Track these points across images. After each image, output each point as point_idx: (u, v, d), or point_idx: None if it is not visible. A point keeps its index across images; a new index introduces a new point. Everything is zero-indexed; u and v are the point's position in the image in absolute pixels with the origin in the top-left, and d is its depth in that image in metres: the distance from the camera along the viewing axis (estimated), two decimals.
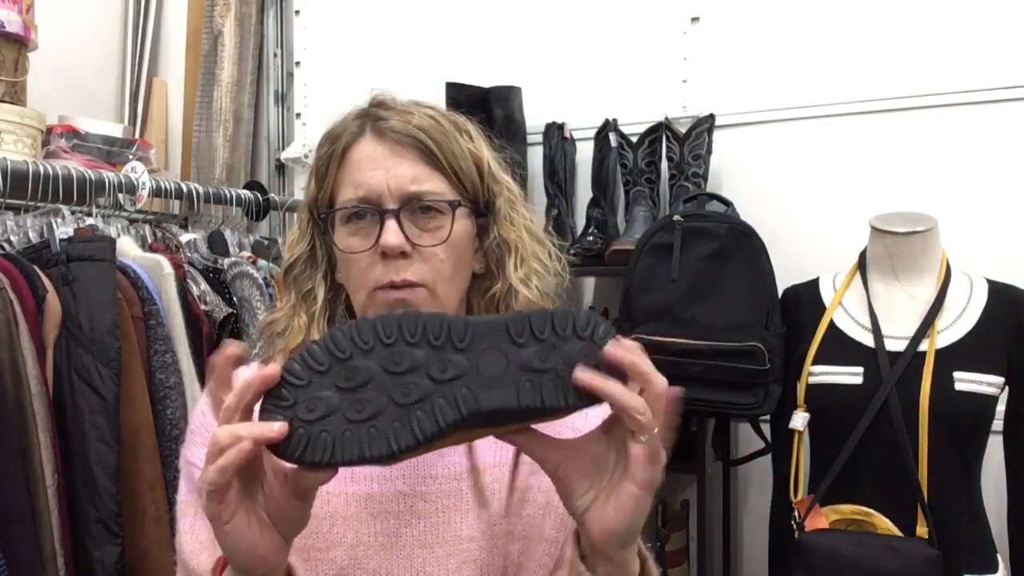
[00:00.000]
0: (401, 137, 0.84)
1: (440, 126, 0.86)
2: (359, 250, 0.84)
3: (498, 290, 0.89)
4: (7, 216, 1.64)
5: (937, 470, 1.39)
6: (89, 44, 2.34)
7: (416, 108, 0.88)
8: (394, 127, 0.85)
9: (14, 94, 1.82)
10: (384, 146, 0.85)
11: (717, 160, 1.90)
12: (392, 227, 0.82)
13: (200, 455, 0.87)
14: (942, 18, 1.81)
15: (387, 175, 0.83)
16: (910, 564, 1.34)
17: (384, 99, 0.89)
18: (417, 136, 0.84)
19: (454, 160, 0.86)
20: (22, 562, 1.34)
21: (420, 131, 0.85)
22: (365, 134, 0.86)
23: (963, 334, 1.45)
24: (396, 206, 0.83)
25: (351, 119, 0.89)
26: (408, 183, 0.83)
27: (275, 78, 2.44)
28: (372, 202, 0.83)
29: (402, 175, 0.83)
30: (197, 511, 0.84)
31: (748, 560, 1.97)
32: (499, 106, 1.96)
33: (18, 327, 1.40)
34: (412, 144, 0.84)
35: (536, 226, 0.94)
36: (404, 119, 0.85)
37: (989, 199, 1.76)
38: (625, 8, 2.06)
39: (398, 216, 0.83)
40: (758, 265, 1.62)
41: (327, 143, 0.89)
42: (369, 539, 0.83)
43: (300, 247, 0.91)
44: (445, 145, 0.86)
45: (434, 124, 0.86)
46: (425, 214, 0.84)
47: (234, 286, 1.82)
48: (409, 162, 0.84)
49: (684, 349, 1.58)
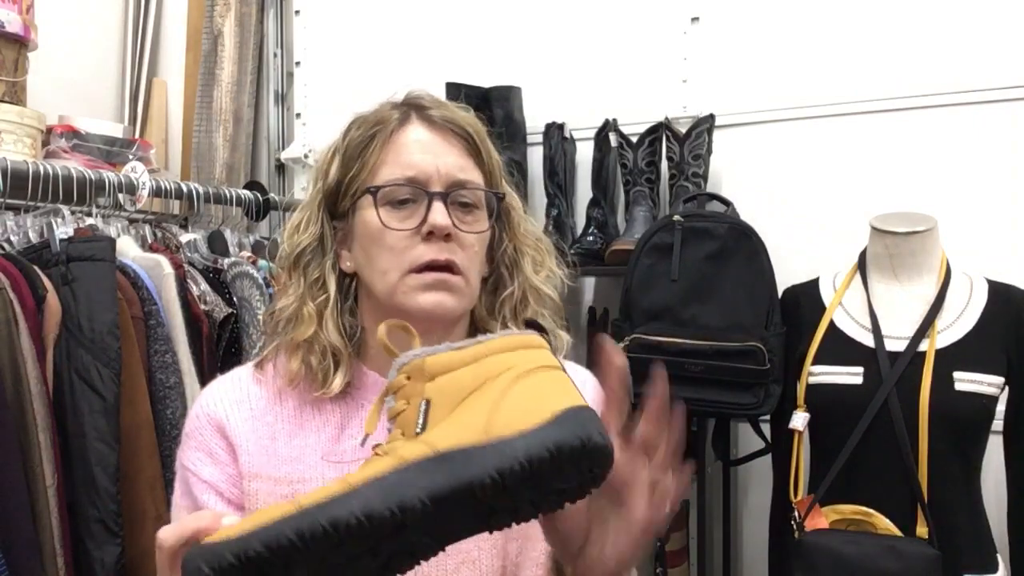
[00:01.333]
0: (450, 125, 0.87)
1: (479, 124, 0.90)
2: (401, 228, 0.84)
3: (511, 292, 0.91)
4: (7, 216, 1.64)
5: (937, 470, 1.39)
6: (89, 44, 2.34)
7: (454, 105, 0.91)
8: (443, 115, 0.88)
9: (14, 94, 1.82)
10: (434, 132, 0.87)
11: (717, 160, 1.90)
12: (441, 208, 0.84)
13: (194, 459, 0.87)
14: (942, 18, 1.80)
15: (436, 160, 0.86)
16: (910, 564, 1.34)
17: (421, 93, 0.91)
18: (465, 127, 0.88)
19: (489, 158, 0.90)
20: (22, 562, 1.34)
21: (468, 124, 0.88)
22: (412, 120, 0.88)
23: (963, 334, 1.45)
24: (443, 190, 0.85)
25: (389, 108, 0.90)
26: (456, 171, 0.86)
27: (275, 78, 2.44)
28: (420, 183, 0.85)
29: (451, 163, 0.86)
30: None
31: (748, 560, 1.96)
32: (499, 106, 1.96)
33: (18, 327, 1.40)
34: (460, 135, 0.88)
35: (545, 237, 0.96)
36: (449, 112, 0.88)
37: (989, 199, 1.76)
38: (625, 8, 2.06)
39: (445, 200, 0.84)
40: (758, 265, 1.62)
41: (363, 127, 0.89)
42: None
43: (309, 234, 0.90)
44: (485, 143, 0.90)
45: (474, 121, 0.90)
46: (464, 205, 0.86)
47: (234, 286, 1.82)
48: (457, 151, 0.87)
49: (684, 349, 1.58)
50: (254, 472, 0.85)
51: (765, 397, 1.58)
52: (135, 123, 2.40)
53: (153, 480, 1.52)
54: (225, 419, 0.88)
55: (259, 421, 0.87)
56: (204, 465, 0.86)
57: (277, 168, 2.43)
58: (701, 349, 1.58)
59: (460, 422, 0.56)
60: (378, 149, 0.87)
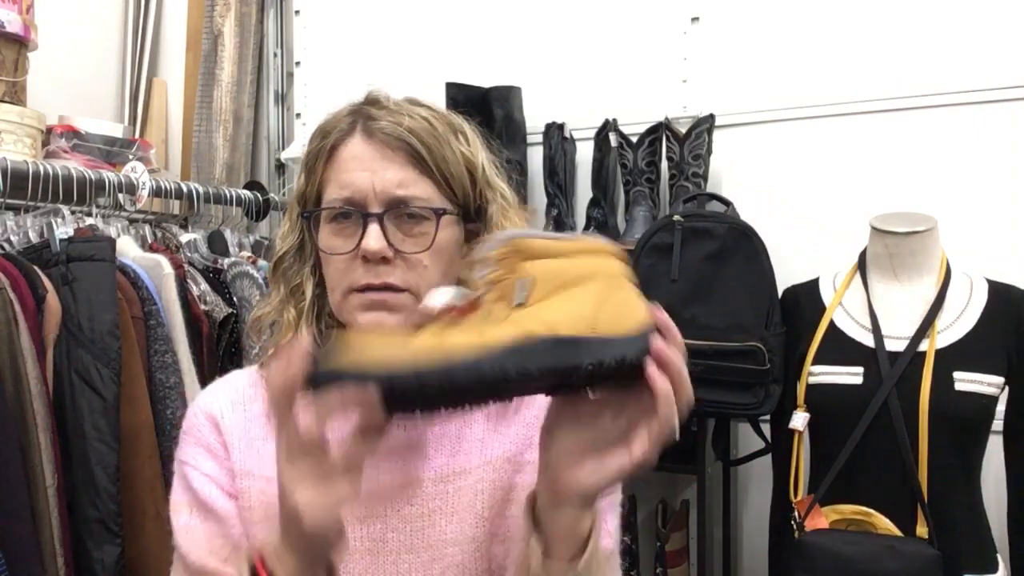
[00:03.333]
0: (390, 139, 0.82)
1: (433, 129, 0.84)
2: (341, 251, 0.82)
3: None
4: (7, 216, 1.64)
5: (937, 470, 1.39)
6: (89, 44, 2.34)
7: (410, 108, 0.86)
8: (384, 128, 0.83)
9: (14, 94, 1.82)
10: (373, 147, 0.83)
11: (717, 160, 1.90)
12: (375, 231, 0.80)
13: (193, 454, 0.87)
14: (942, 18, 1.80)
15: (373, 177, 0.82)
16: (910, 564, 1.34)
17: (378, 97, 0.87)
18: (406, 139, 0.82)
19: (444, 165, 0.84)
20: (22, 562, 1.34)
21: (410, 134, 0.83)
22: (355, 133, 0.84)
23: (963, 334, 1.45)
24: (380, 210, 0.81)
25: (343, 115, 0.87)
26: (394, 187, 0.82)
27: (275, 78, 2.44)
28: (356, 204, 0.82)
29: (389, 179, 0.82)
30: (192, 510, 0.85)
31: (748, 560, 1.97)
32: (499, 106, 1.96)
33: (18, 327, 1.40)
34: (401, 147, 0.82)
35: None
36: (396, 120, 0.83)
37: (989, 199, 1.76)
38: (625, 8, 2.06)
39: (382, 220, 0.81)
40: (758, 265, 1.62)
41: (318, 138, 0.88)
42: (356, 543, 0.82)
43: (289, 240, 0.90)
44: (436, 149, 0.84)
45: (426, 127, 0.84)
46: (410, 219, 0.82)
47: (234, 286, 1.82)
48: (397, 165, 0.82)
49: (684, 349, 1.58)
50: (245, 470, 0.86)
51: (765, 397, 1.58)
52: (135, 123, 2.40)
53: (153, 480, 1.52)
54: (220, 417, 0.88)
55: (253, 423, 0.88)
56: (203, 460, 0.87)
57: (277, 168, 2.43)
58: (701, 349, 1.58)
59: (567, 311, 0.64)
60: (322, 165, 0.86)
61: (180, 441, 0.90)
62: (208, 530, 0.84)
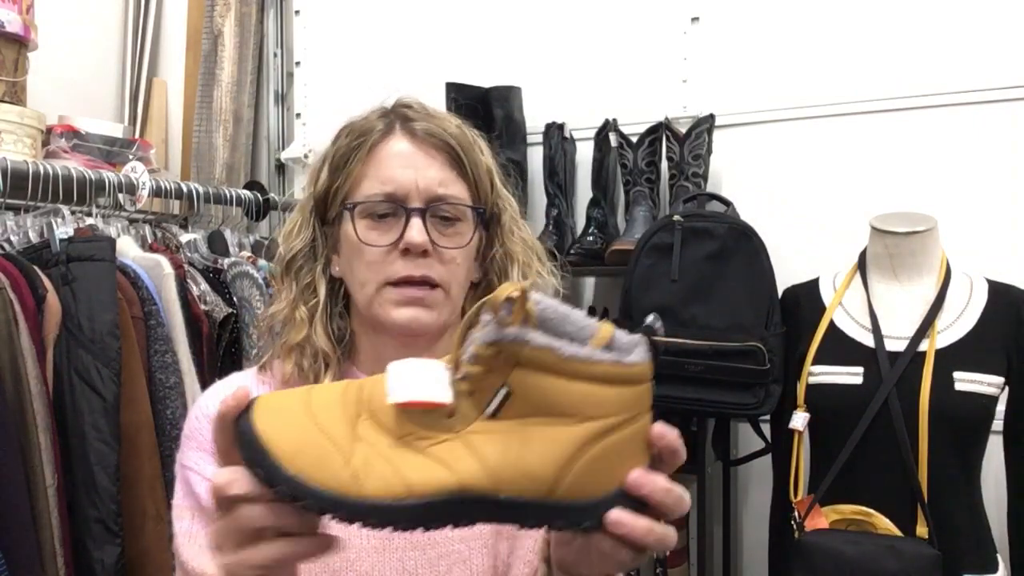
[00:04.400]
0: (432, 139, 0.86)
1: (465, 135, 0.89)
2: (379, 244, 0.84)
3: None
4: (7, 216, 1.64)
5: (937, 470, 1.39)
6: (89, 44, 2.34)
7: (441, 115, 0.90)
8: (426, 128, 0.87)
9: (14, 94, 1.82)
10: (415, 146, 0.86)
11: (717, 160, 1.90)
12: (418, 225, 0.83)
13: (196, 459, 0.87)
14: (942, 18, 1.80)
15: (416, 174, 0.85)
16: (910, 564, 1.34)
17: (410, 102, 0.90)
18: (448, 140, 0.87)
19: (476, 170, 0.88)
20: (22, 562, 1.34)
21: (451, 136, 0.87)
22: (395, 132, 0.87)
23: (963, 334, 1.45)
24: (423, 205, 0.84)
25: (375, 117, 0.89)
26: (436, 185, 0.85)
27: (275, 78, 2.44)
28: (398, 199, 0.85)
29: (431, 177, 0.85)
30: (194, 515, 0.85)
31: (748, 560, 1.97)
32: (499, 106, 1.96)
33: (18, 327, 1.40)
34: (442, 147, 0.86)
35: (537, 242, 0.96)
36: (434, 122, 0.87)
37: (989, 199, 1.76)
38: (625, 8, 2.06)
39: (424, 215, 0.84)
40: (758, 265, 1.62)
41: (350, 136, 0.89)
42: (361, 541, 0.83)
43: (301, 239, 0.91)
44: (470, 154, 0.88)
45: (461, 132, 0.88)
46: (445, 218, 0.86)
47: (234, 286, 1.82)
48: (438, 165, 0.86)
49: (684, 349, 1.58)
50: None
51: (765, 397, 1.58)
52: (135, 123, 2.40)
53: (153, 480, 1.52)
54: None
55: None
56: (207, 464, 0.86)
57: (277, 168, 2.43)
58: (701, 349, 1.58)
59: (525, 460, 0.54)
60: (360, 161, 0.87)
61: (182, 445, 0.90)
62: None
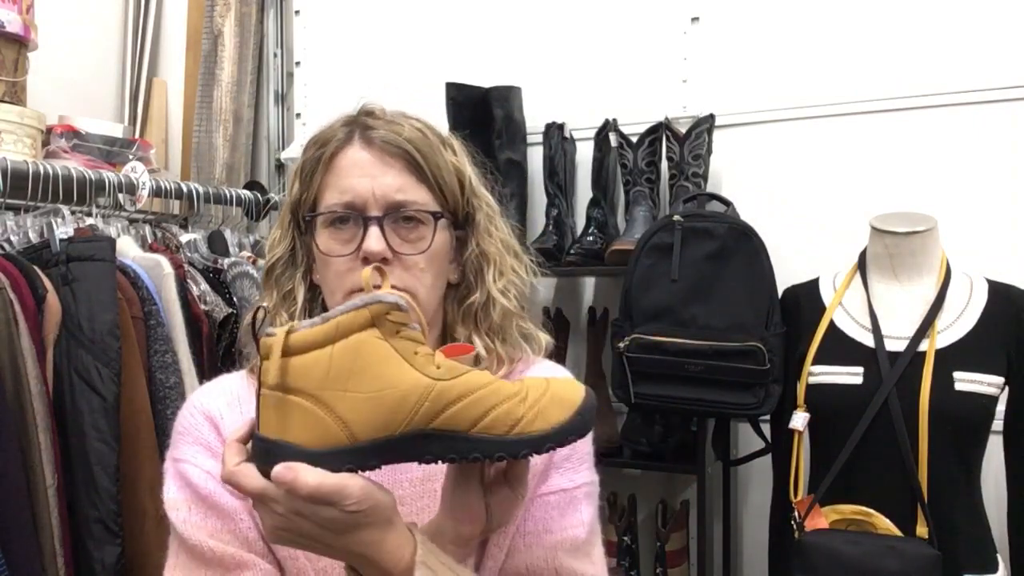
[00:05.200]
0: (389, 146, 0.87)
1: (427, 139, 0.89)
2: (340, 254, 0.86)
3: (476, 300, 0.92)
4: (7, 216, 1.64)
5: (937, 470, 1.39)
6: (89, 44, 2.34)
7: (404, 119, 0.90)
8: (383, 136, 0.87)
9: (14, 94, 1.82)
10: (372, 154, 0.87)
11: (717, 160, 1.90)
12: (375, 234, 0.84)
13: (192, 453, 0.87)
14: (942, 18, 1.80)
15: (373, 183, 0.86)
16: (910, 564, 1.34)
17: (373, 108, 0.91)
18: (404, 147, 0.87)
19: (438, 172, 0.89)
20: (22, 562, 1.34)
21: (408, 142, 0.87)
22: (353, 141, 0.88)
23: (963, 334, 1.45)
24: (380, 213, 0.85)
25: (338, 126, 0.90)
26: (393, 192, 0.86)
27: (275, 78, 2.44)
28: (357, 208, 0.86)
29: (388, 184, 0.86)
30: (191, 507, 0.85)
31: (748, 560, 1.97)
32: (499, 106, 1.96)
33: (18, 327, 1.40)
34: (399, 154, 0.87)
35: (514, 240, 0.97)
36: (392, 129, 0.87)
37: (989, 199, 1.76)
38: (625, 8, 2.06)
39: (381, 224, 0.85)
40: (758, 265, 1.62)
41: (314, 147, 0.91)
42: None
43: (281, 247, 0.93)
44: (431, 157, 0.88)
45: (421, 136, 0.89)
46: (407, 224, 0.87)
47: (234, 286, 1.82)
48: (395, 171, 0.87)
49: (684, 349, 1.58)
50: None
51: (765, 397, 1.58)
52: (135, 123, 2.40)
53: (153, 480, 1.52)
54: (220, 418, 0.89)
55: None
56: (204, 458, 0.87)
57: (277, 168, 2.43)
58: (701, 349, 1.58)
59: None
60: (321, 172, 0.89)
61: (174, 441, 0.91)
62: (213, 525, 0.84)
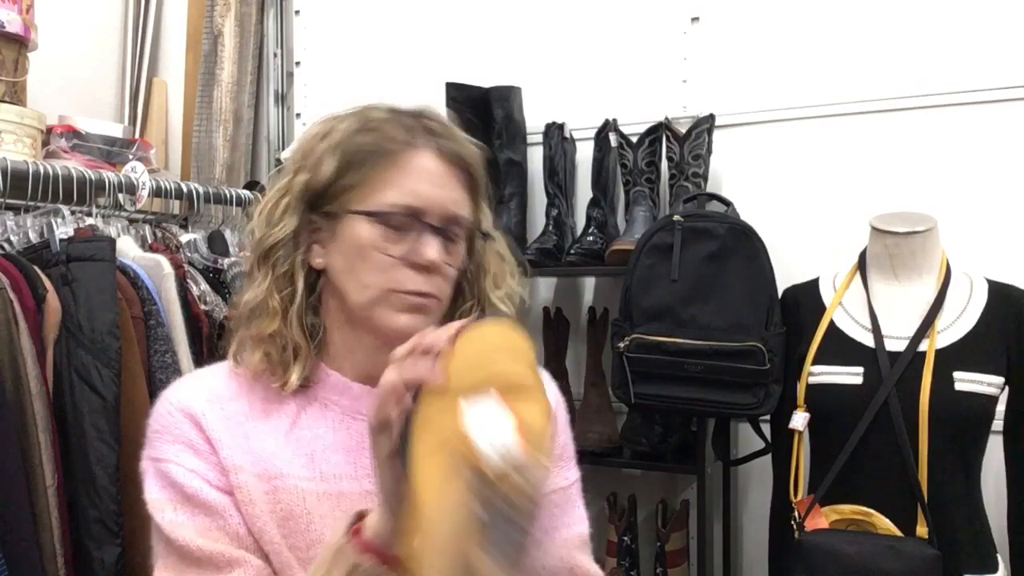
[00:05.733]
0: (460, 161, 0.90)
1: (481, 158, 0.93)
2: (390, 253, 0.86)
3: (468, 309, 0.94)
4: (7, 216, 1.64)
5: (937, 470, 1.39)
6: (89, 44, 2.34)
7: (461, 135, 0.93)
8: (453, 150, 0.90)
9: (14, 94, 1.82)
10: (444, 165, 0.89)
11: (717, 160, 1.90)
12: (437, 244, 0.86)
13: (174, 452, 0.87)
14: (942, 18, 1.80)
15: (443, 194, 0.88)
16: (910, 564, 1.34)
17: (432, 114, 0.92)
18: (469, 165, 0.91)
19: (482, 192, 0.94)
20: (22, 562, 1.34)
21: (474, 162, 0.91)
22: (422, 146, 0.88)
23: (963, 334, 1.45)
24: (441, 224, 0.87)
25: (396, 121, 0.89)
26: (453, 205, 0.89)
27: (275, 78, 2.44)
28: (418, 213, 0.86)
29: (451, 197, 0.89)
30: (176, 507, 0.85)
31: (748, 560, 1.97)
32: (499, 106, 1.96)
33: (18, 327, 1.40)
34: (465, 170, 0.91)
35: (507, 250, 0.99)
36: (459, 142, 0.91)
37: (989, 199, 1.76)
38: (625, 8, 2.06)
39: (442, 234, 0.87)
40: (758, 265, 1.62)
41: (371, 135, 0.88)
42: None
43: (283, 227, 0.89)
44: (482, 178, 0.93)
45: (479, 157, 0.93)
46: (451, 240, 0.89)
47: (234, 286, 1.82)
48: (458, 186, 0.90)
49: (684, 349, 1.58)
50: (237, 465, 0.86)
51: (765, 397, 1.58)
52: (135, 123, 2.40)
53: None
54: (201, 416, 0.88)
55: (231, 420, 0.88)
56: (186, 456, 0.86)
57: (277, 168, 2.43)
58: (701, 349, 1.58)
59: None
60: (382, 166, 0.87)
61: (150, 440, 0.89)
62: (201, 523, 0.84)
